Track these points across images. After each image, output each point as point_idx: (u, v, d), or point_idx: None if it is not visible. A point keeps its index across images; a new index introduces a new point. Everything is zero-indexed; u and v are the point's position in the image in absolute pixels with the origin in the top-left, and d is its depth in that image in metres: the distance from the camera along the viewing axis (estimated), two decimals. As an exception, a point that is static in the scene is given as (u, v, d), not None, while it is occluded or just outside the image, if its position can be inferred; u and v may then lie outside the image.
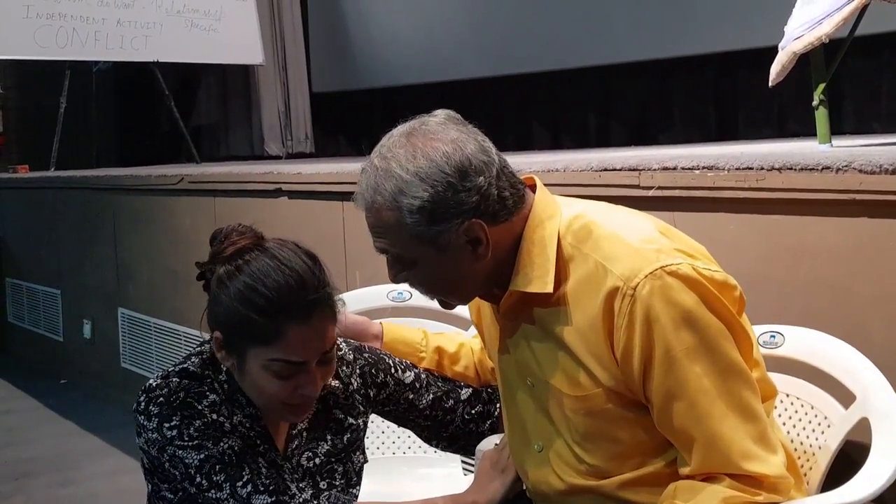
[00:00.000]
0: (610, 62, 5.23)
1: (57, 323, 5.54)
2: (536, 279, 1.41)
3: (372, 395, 1.68)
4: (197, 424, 1.45)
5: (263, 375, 1.46)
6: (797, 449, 1.64)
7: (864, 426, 1.54)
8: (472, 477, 1.65)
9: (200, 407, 1.46)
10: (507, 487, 1.58)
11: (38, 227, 5.74)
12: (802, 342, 1.69)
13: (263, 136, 6.89)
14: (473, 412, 1.74)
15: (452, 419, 1.73)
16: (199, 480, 1.44)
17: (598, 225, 1.42)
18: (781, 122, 4.60)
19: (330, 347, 1.49)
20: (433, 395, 1.72)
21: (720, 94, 4.99)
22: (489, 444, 1.69)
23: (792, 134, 4.32)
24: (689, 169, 2.03)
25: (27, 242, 5.97)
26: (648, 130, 5.21)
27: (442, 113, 1.44)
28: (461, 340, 1.81)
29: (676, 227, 1.50)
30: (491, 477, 1.59)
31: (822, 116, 2.45)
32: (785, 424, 1.68)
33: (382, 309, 2.16)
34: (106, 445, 4.26)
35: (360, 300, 2.16)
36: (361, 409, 1.67)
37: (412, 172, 1.36)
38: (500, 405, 1.65)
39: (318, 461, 1.59)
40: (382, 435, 2.21)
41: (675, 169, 2.06)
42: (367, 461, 1.68)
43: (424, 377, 1.73)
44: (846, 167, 1.75)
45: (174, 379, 1.49)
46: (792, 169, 1.84)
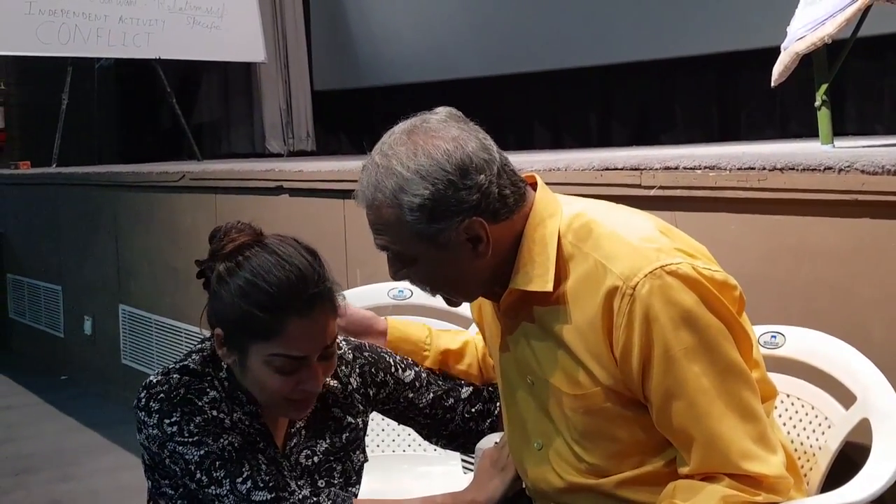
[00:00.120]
0: (612, 62, 5.22)
1: (58, 319, 5.54)
2: (537, 277, 1.41)
3: (371, 393, 1.68)
4: (197, 421, 1.45)
5: (265, 371, 1.46)
6: (797, 449, 1.64)
7: (864, 427, 1.54)
8: (471, 475, 1.65)
9: (201, 403, 1.47)
10: (506, 486, 1.58)
11: (39, 223, 5.74)
12: (803, 342, 1.69)
13: (265, 133, 6.89)
14: (473, 410, 1.74)
15: (452, 417, 1.73)
16: (199, 476, 1.44)
17: (598, 224, 1.41)
18: (784, 122, 4.59)
19: (331, 342, 1.49)
20: (433, 393, 1.72)
21: (722, 94, 4.98)
22: (489, 442, 1.69)
23: (794, 134, 4.31)
24: (690, 169, 2.03)
25: (29, 238, 5.97)
26: (650, 130, 5.20)
27: (443, 110, 1.43)
28: (465, 338, 1.81)
29: (678, 226, 1.50)
30: (490, 475, 1.59)
31: (824, 117, 2.45)
32: (785, 425, 1.68)
33: (383, 307, 2.16)
34: (106, 442, 4.26)
35: (360, 298, 2.15)
36: (361, 408, 1.67)
37: (413, 170, 1.36)
38: (500, 403, 1.65)
39: (316, 459, 1.59)
40: (382, 433, 2.21)
41: (676, 169, 2.05)
42: (367, 460, 1.68)
43: (425, 376, 1.73)
44: (848, 168, 1.75)
45: (175, 376, 1.49)
46: (794, 169, 1.84)
